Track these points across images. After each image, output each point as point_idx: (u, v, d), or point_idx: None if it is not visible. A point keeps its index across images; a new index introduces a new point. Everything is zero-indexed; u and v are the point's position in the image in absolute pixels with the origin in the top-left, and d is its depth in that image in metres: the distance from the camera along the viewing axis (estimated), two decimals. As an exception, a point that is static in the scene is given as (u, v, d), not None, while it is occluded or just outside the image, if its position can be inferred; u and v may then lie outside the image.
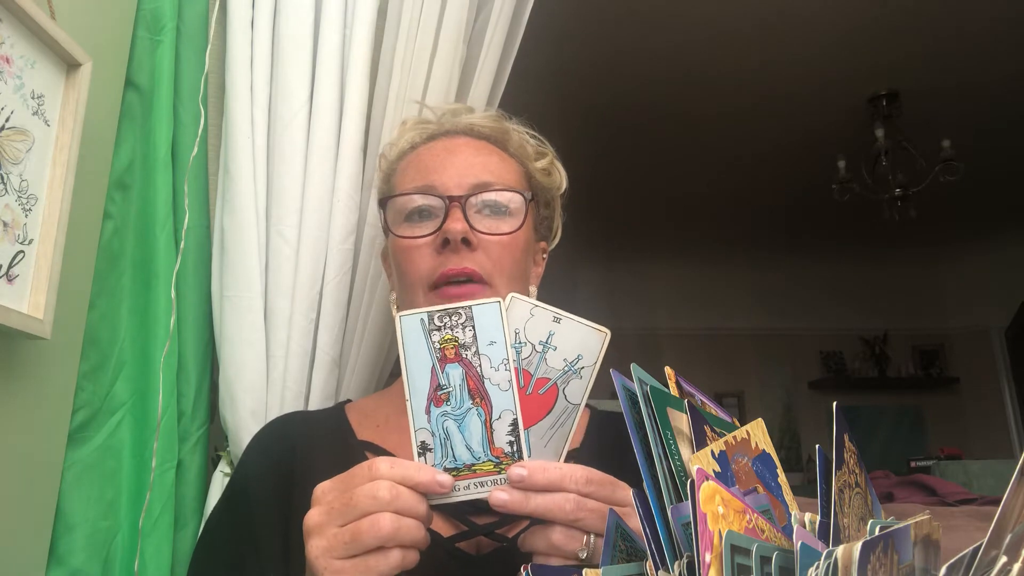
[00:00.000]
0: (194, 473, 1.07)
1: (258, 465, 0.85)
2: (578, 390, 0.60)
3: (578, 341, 0.60)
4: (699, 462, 0.46)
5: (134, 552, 0.98)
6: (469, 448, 0.58)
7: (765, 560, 0.39)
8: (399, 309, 0.88)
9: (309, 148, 1.07)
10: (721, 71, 3.32)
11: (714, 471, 0.48)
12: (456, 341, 0.59)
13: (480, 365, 0.59)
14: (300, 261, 1.05)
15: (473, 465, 0.58)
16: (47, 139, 0.85)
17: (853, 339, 5.64)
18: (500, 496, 0.56)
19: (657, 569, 0.44)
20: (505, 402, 0.59)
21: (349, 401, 0.96)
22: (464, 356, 0.59)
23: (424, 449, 0.58)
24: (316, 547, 0.56)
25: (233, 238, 1.05)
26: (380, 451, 0.82)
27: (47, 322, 0.83)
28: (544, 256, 0.96)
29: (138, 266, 1.05)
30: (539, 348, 0.60)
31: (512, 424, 0.58)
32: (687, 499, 0.43)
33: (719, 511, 0.40)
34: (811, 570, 0.36)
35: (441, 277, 0.80)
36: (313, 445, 0.83)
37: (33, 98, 0.83)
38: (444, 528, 0.74)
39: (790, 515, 0.50)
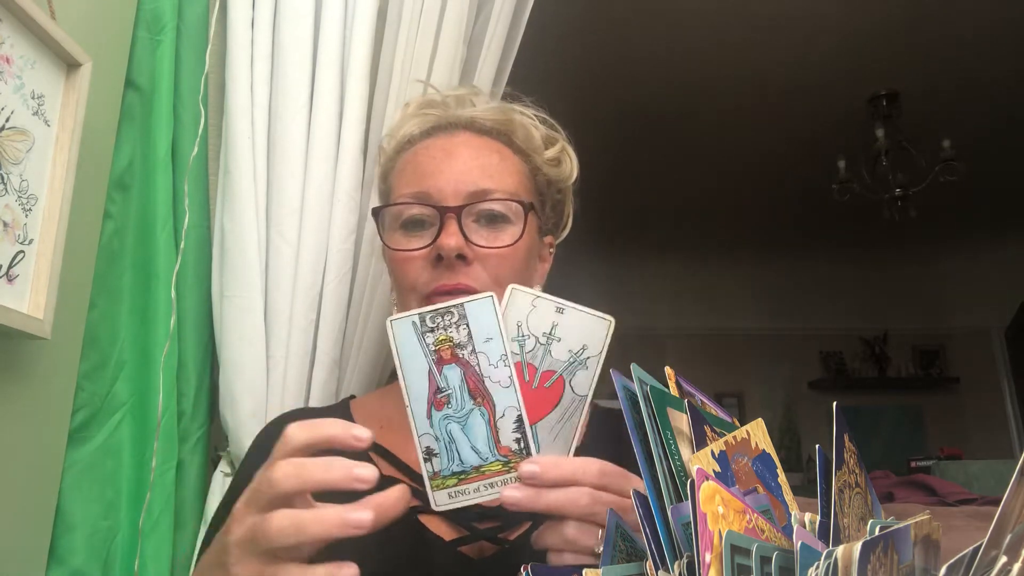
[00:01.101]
0: (194, 473, 1.07)
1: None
2: (585, 381, 0.58)
3: (583, 331, 0.58)
4: (699, 462, 0.46)
5: (134, 552, 0.98)
6: (475, 450, 0.56)
7: (765, 560, 0.39)
8: (397, 313, 0.88)
9: (309, 148, 1.07)
10: (721, 72, 3.33)
11: (714, 471, 0.48)
12: (451, 341, 0.57)
13: (478, 364, 0.57)
14: (300, 261, 1.05)
15: (481, 467, 0.56)
16: (47, 139, 0.85)
17: (853, 339, 5.65)
18: (512, 494, 0.54)
19: (657, 569, 0.44)
20: (508, 399, 0.57)
21: (354, 397, 0.95)
22: (461, 356, 0.57)
23: (429, 455, 0.57)
24: (235, 534, 0.54)
25: (233, 238, 1.05)
26: (383, 452, 0.82)
27: (47, 322, 0.83)
28: (551, 251, 0.93)
29: (138, 266, 1.05)
30: (543, 340, 0.58)
31: (517, 421, 0.57)
32: (687, 499, 0.43)
33: (719, 511, 0.40)
34: (811, 570, 0.36)
35: (434, 293, 0.78)
36: None
37: (33, 98, 0.83)
38: (446, 532, 0.74)
39: (790, 515, 0.50)
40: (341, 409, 0.90)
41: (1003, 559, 0.32)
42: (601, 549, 0.55)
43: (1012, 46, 3.17)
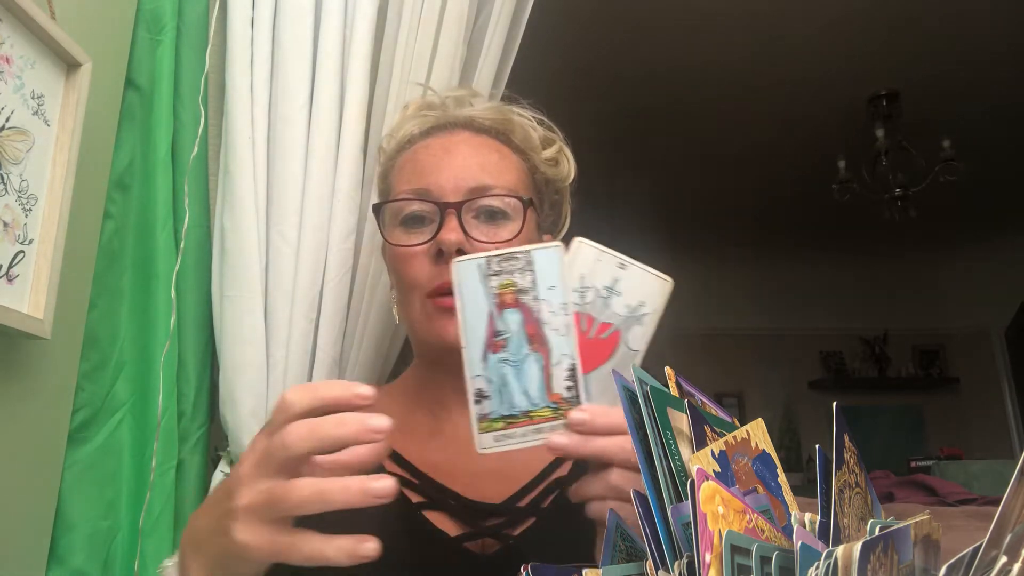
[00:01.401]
0: (194, 473, 1.07)
1: None
2: (640, 336, 0.59)
3: (642, 288, 0.59)
4: (699, 462, 0.46)
5: (134, 552, 0.98)
6: (527, 394, 0.56)
7: (765, 560, 0.39)
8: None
9: (309, 148, 1.07)
10: (721, 71, 3.33)
11: (714, 471, 0.48)
12: (515, 286, 0.57)
13: (539, 310, 0.57)
14: (300, 261, 1.05)
15: (530, 411, 0.56)
16: (47, 139, 0.85)
17: (853, 339, 5.64)
18: (559, 440, 0.55)
19: (657, 569, 0.44)
20: (564, 347, 0.57)
21: None
22: (523, 301, 0.57)
23: (480, 396, 0.56)
24: (244, 497, 0.52)
25: (233, 238, 1.05)
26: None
27: (47, 322, 0.83)
28: None
29: (138, 266, 1.05)
30: (603, 293, 0.59)
31: (571, 369, 0.57)
32: (687, 499, 0.43)
33: (719, 511, 0.40)
34: (811, 570, 0.36)
35: (436, 290, 0.79)
36: None
37: (33, 98, 0.83)
38: (451, 528, 0.75)
39: (790, 515, 0.50)
40: None
41: (1003, 559, 0.32)
42: None
43: (1012, 46, 3.17)
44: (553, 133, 0.94)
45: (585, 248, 0.60)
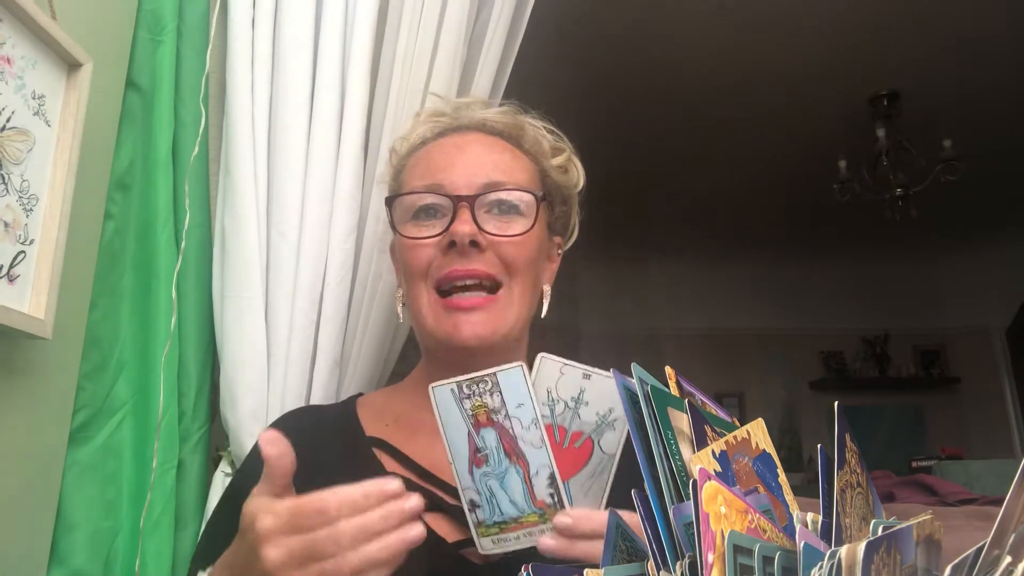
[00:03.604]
0: (195, 473, 1.07)
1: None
2: (612, 441, 0.63)
3: (608, 394, 0.63)
4: (700, 462, 0.46)
5: (135, 552, 0.98)
6: (513, 503, 0.62)
7: (767, 560, 0.39)
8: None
9: (310, 148, 1.07)
10: (721, 72, 3.32)
11: (715, 471, 0.48)
12: (486, 407, 0.62)
13: (512, 427, 0.62)
14: (301, 261, 1.05)
15: (519, 518, 0.62)
16: (48, 139, 0.85)
17: (853, 339, 5.64)
18: (548, 543, 0.61)
19: (659, 569, 0.44)
20: (540, 458, 0.62)
21: (361, 395, 0.95)
22: (496, 420, 0.62)
23: (473, 506, 0.63)
24: (274, 558, 0.57)
25: (234, 238, 1.05)
26: (388, 448, 0.82)
27: (48, 322, 0.83)
28: (559, 252, 0.94)
29: (139, 266, 1.05)
30: (571, 404, 0.63)
31: (550, 478, 0.62)
32: (688, 499, 0.43)
33: (721, 511, 0.40)
34: (815, 570, 0.36)
35: (446, 278, 0.79)
36: (321, 442, 0.83)
37: (34, 98, 0.83)
38: (448, 533, 0.74)
39: (791, 515, 0.50)
40: (346, 408, 0.90)
41: (1007, 559, 0.32)
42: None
43: (1012, 46, 3.16)
44: (563, 142, 0.95)
45: (548, 363, 0.64)
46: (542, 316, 0.88)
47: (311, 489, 0.60)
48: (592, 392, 0.63)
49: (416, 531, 0.57)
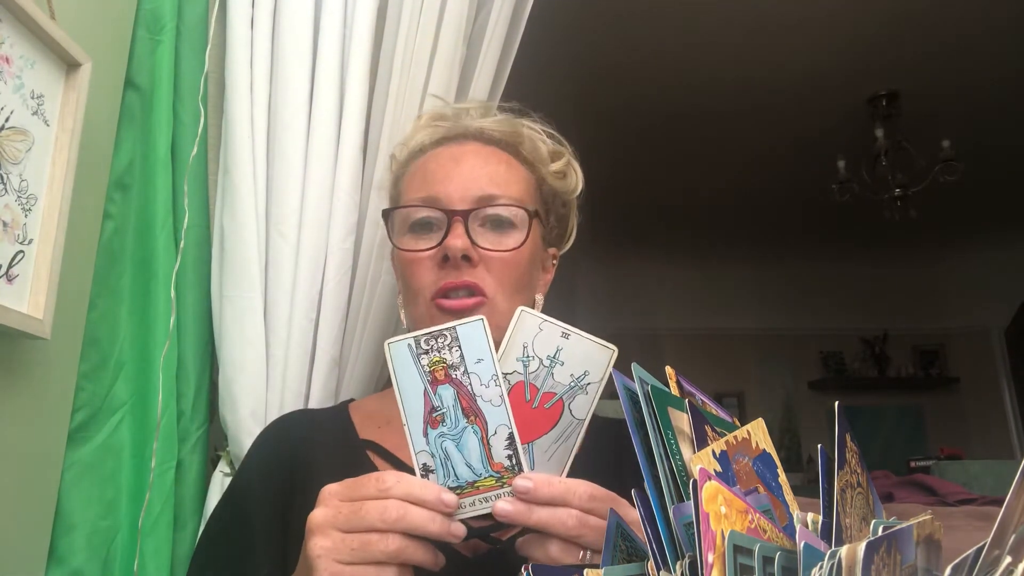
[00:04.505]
0: (194, 473, 1.07)
1: (260, 464, 0.85)
2: (583, 405, 0.60)
3: (585, 357, 0.60)
4: (700, 462, 0.46)
5: (134, 552, 0.97)
6: (469, 466, 0.59)
7: (768, 560, 0.39)
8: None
9: (309, 148, 1.07)
10: (720, 72, 3.33)
11: (715, 471, 0.48)
12: (444, 362, 0.59)
13: (471, 384, 0.59)
14: (300, 261, 1.05)
15: (475, 482, 0.59)
16: (47, 139, 0.85)
17: (853, 339, 5.65)
18: (504, 507, 0.58)
19: (659, 569, 0.44)
20: (499, 417, 0.59)
21: (353, 400, 0.96)
22: (454, 376, 0.59)
23: (427, 471, 0.59)
24: (319, 546, 0.56)
25: (233, 238, 1.05)
26: (381, 451, 0.82)
27: (47, 322, 0.83)
28: (554, 263, 0.95)
29: (138, 266, 1.05)
30: (546, 363, 0.60)
31: (509, 438, 0.59)
32: (688, 499, 0.43)
33: (721, 511, 0.40)
34: (815, 570, 0.36)
35: (440, 290, 0.81)
36: (315, 444, 0.84)
37: (33, 98, 0.83)
38: None
39: (791, 515, 0.50)
40: (339, 411, 0.90)
41: (1007, 559, 0.32)
42: (587, 558, 0.56)
43: (1012, 46, 3.17)
44: (562, 147, 0.96)
45: (527, 317, 0.61)
46: None
47: (306, 490, 0.61)
48: (569, 352, 0.60)
49: (460, 529, 0.57)
